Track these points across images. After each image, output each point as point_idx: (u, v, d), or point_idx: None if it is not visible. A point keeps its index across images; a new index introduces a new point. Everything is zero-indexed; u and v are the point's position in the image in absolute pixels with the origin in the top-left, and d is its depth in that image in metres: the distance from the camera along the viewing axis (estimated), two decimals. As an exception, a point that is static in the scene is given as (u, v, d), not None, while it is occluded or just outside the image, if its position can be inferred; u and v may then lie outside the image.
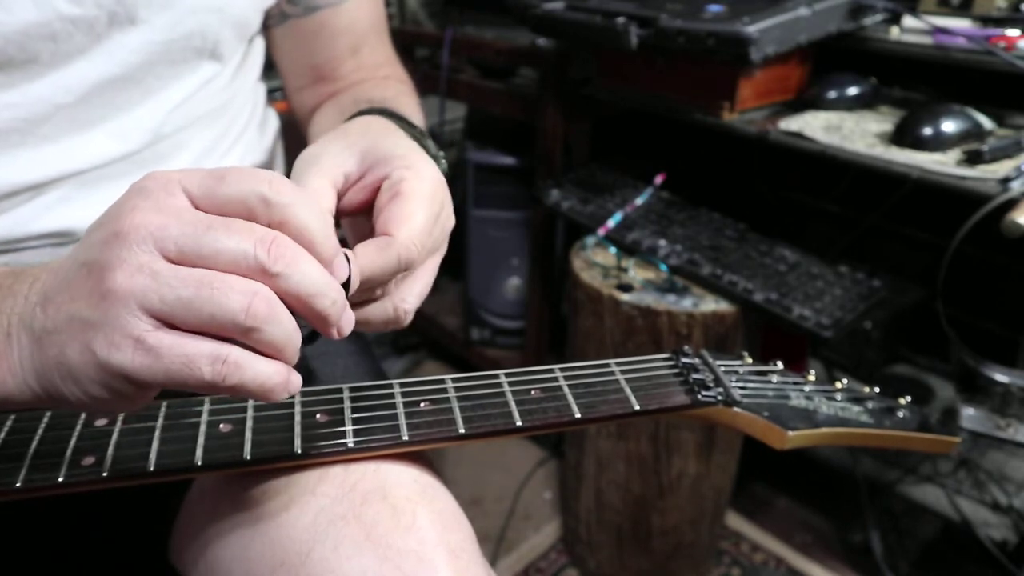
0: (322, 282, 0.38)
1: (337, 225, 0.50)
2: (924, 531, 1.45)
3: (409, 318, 0.50)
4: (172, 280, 0.35)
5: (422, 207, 0.48)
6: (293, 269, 0.37)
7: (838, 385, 0.62)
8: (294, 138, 0.86)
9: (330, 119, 0.74)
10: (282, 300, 0.37)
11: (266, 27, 0.78)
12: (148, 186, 0.37)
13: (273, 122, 0.84)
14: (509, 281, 1.74)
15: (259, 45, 0.79)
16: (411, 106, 0.71)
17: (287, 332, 0.37)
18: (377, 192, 0.50)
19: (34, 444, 0.47)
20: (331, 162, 0.49)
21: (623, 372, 0.56)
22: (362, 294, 0.45)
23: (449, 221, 0.52)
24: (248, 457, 0.47)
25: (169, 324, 0.36)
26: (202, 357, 0.36)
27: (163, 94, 0.66)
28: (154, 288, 0.35)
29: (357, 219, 0.54)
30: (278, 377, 0.38)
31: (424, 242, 0.48)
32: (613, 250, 1.24)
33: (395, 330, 0.51)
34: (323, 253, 0.39)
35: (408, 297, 0.50)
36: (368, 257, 0.45)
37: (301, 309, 0.38)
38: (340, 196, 0.51)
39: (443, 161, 0.58)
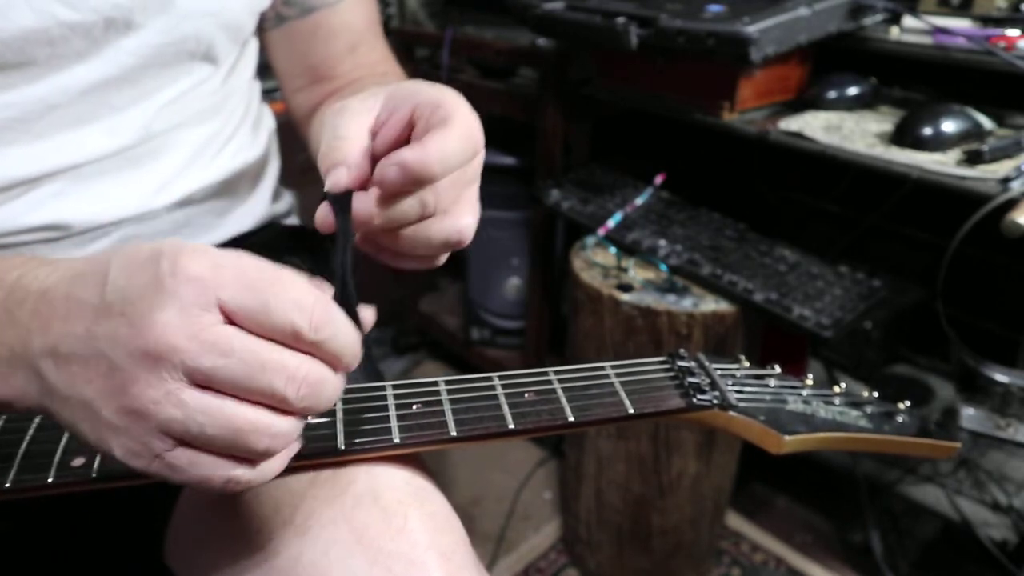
0: (332, 401, 0.39)
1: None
2: (924, 531, 1.45)
3: (470, 234, 0.48)
4: (199, 416, 0.36)
5: (465, 108, 0.46)
6: (315, 401, 0.38)
7: (836, 389, 0.62)
8: (289, 138, 0.86)
9: None
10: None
11: (262, 30, 0.78)
12: (182, 294, 0.35)
13: (268, 122, 0.84)
14: (509, 281, 1.74)
15: (253, 46, 0.79)
16: None
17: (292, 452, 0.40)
18: (408, 129, 0.46)
19: (24, 444, 0.47)
20: (359, 107, 0.47)
21: (618, 375, 0.56)
22: (415, 203, 0.43)
23: (483, 150, 0.49)
24: (239, 459, 0.46)
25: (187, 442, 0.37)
26: (217, 477, 0.38)
27: (157, 94, 0.67)
28: (180, 420, 0.35)
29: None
30: (279, 469, 0.40)
31: (469, 140, 0.45)
32: (613, 250, 1.24)
33: (438, 263, 0.50)
34: (350, 367, 0.40)
35: (463, 213, 0.47)
36: (433, 137, 0.43)
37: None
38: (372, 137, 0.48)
39: None
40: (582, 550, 1.45)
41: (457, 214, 0.47)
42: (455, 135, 0.43)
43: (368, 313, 0.42)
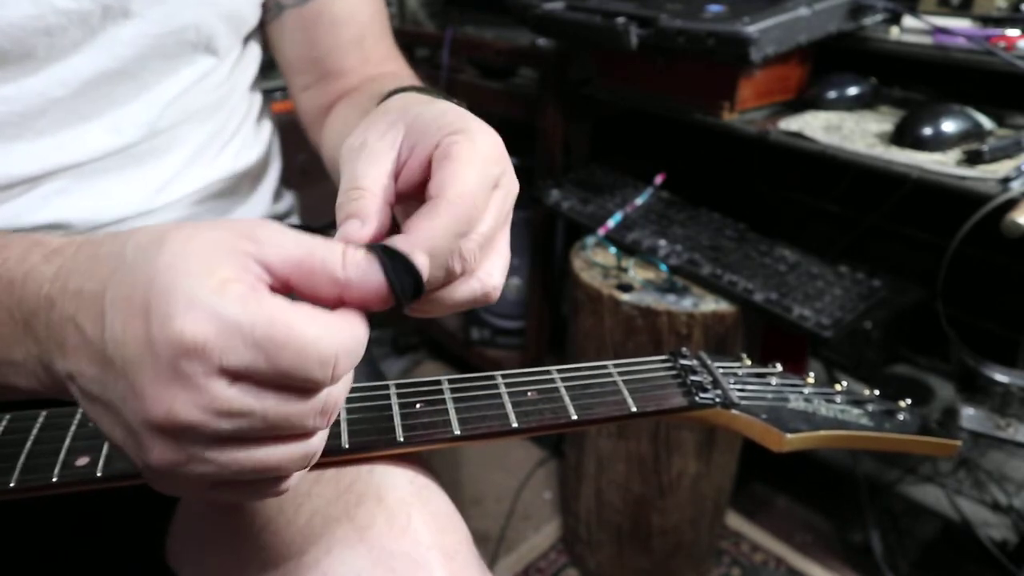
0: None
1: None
2: (924, 531, 1.45)
3: (498, 293, 0.44)
4: (231, 467, 0.34)
5: (473, 165, 0.41)
6: (340, 406, 0.37)
7: (838, 387, 0.62)
8: (290, 138, 0.86)
9: (348, 119, 0.70)
10: None
11: (264, 24, 0.77)
12: (182, 368, 0.31)
13: (269, 124, 0.83)
14: (509, 281, 1.74)
15: (255, 49, 0.78)
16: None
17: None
18: (427, 165, 0.43)
19: (28, 444, 0.47)
20: (379, 146, 0.43)
21: (620, 373, 0.56)
22: (438, 271, 0.39)
23: (513, 186, 0.45)
24: (243, 458, 0.46)
25: None
26: (267, 494, 0.38)
27: (158, 88, 0.66)
28: (211, 473, 0.34)
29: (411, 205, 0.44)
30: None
31: (481, 200, 0.41)
32: (613, 250, 1.24)
33: (482, 305, 0.44)
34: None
35: (493, 271, 0.43)
36: (419, 226, 0.38)
37: None
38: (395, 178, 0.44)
39: None
40: (582, 550, 1.45)
41: (485, 271, 0.43)
42: (442, 223, 0.39)
43: (420, 259, 0.37)
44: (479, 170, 0.41)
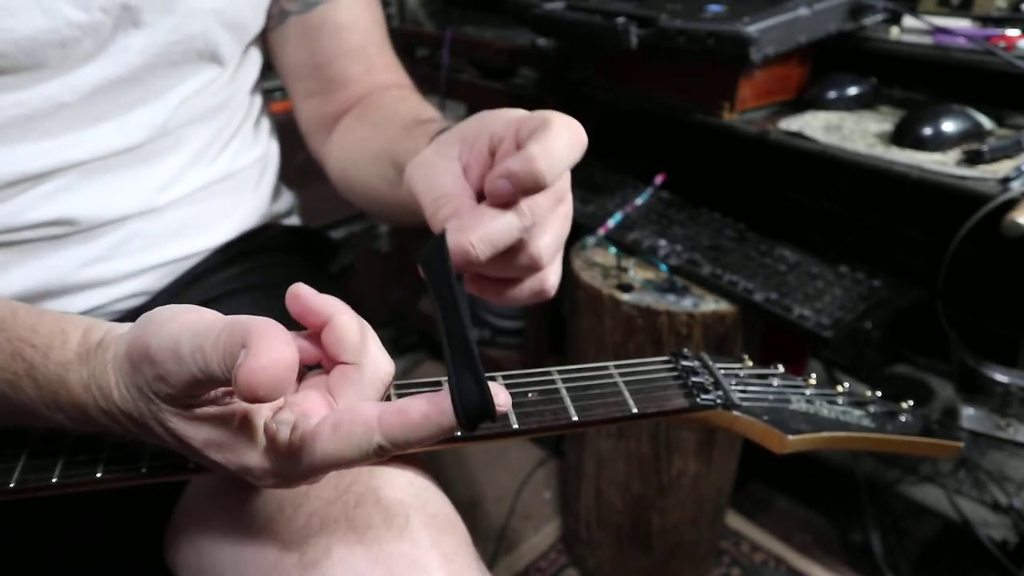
0: None
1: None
2: (924, 531, 1.45)
3: (553, 292, 0.48)
4: (304, 480, 0.42)
5: (564, 116, 0.43)
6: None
7: (839, 389, 0.62)
8: (290, 138, 0.86)
9: (366, 139, 0.71)
10: None
11: (266, 31, 0.77)
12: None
13: (268, 124, 0.83)
14: (509, 281, 1.74)
15: (256, 55, 0.78)
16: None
17: None
18: (489, 162, 0.45)
19: (29, 445, 0.47)
20: (439, 160, 0.45)
21: (621, 375, 0.56)
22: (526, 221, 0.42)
23: (571, 206, 0.48)
24: (243, 460, 0.46)
25: None
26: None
27: (165, 94, 0.67)
28: (291, 484, 0.42)
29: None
30: None
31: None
32: (613, 250, 1.24)
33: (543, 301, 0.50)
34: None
35: (552, 273, 0.48)
36: (542, 139, 0.41)
37: None
38: None
39: None
40: (582, 550, 1.45)
41: (549, 270, 0.47)
42: (555, 133, 0.41)
43: (502, 395, 0.38)
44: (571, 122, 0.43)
